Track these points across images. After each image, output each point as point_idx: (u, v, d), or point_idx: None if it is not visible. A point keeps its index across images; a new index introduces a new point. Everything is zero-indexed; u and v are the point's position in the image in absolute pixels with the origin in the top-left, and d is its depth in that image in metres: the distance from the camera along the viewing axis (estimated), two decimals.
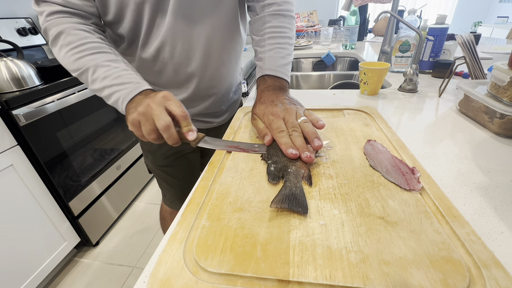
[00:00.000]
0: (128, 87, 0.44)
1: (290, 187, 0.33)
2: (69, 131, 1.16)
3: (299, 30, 1.84)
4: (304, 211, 0.30)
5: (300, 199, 0.32)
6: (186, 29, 0.53)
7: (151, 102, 0.40)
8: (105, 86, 0.45)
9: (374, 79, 0.70)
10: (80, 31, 0.47)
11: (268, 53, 0.54)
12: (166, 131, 0.40)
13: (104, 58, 0.46)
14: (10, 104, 0.93)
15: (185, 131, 0.42)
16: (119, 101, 0.44)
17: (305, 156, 0.38)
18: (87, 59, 0.46)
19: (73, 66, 0.47)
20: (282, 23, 0.56)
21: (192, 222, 0.30)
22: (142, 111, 0.40)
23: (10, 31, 1.35)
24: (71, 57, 0.46)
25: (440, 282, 0.22)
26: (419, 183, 0.33)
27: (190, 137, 0.42)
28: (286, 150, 0.39)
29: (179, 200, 0.81)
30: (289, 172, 0.36)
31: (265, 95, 0.50)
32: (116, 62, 0.47)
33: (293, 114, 0.44)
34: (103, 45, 0.48)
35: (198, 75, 0.59)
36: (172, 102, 0.41)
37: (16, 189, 0.99)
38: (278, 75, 0.53)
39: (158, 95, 0.41)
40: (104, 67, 0.45)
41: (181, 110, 0.41)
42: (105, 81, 0.45)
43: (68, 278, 1.22)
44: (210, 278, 0.24)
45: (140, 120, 0.41)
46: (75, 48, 0.46)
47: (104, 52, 0.47)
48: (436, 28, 0.84)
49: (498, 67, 0.49)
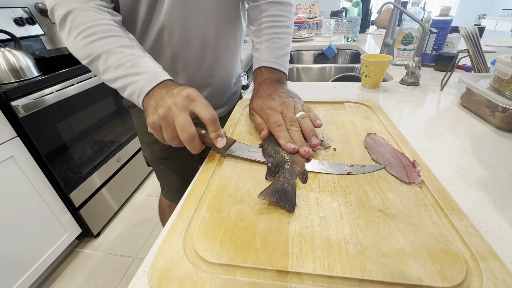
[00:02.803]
0: (144, 78, 0.39)
1: (282, 182, 0.33)
2: (68, 123, 1.16)
3: (300, 22, 1.82)
4: (291, 208, 0.30)
5: (290, 196, 0.31)
6: (184, 14, 0.51)
7: (173, 106, 0.35)
8: (118, 76, 0.40)
9: (376, 72, 0.69)
10: (92, 11, 0.42)
11: (265, 44, 0.53)
12: (190, 143, 0.36)
13: (117, 43, 0.41)
14: (9, 95, 0.92)
15: (213, 137, 0.37)
16: (135, 95, 0.40)
17: (303, 150, 0.38)
18: (98, 44, 0.40)
19: (83, 52, 0.41)
20: (280, 11, 0.54)
21: (192, 214, 0.30)
22: (163, 115, 0.35)
23: (7, 21, 1.33)
24: (81, 41, 0.41)
25: (437, 273, 0.22)
26: (419, 176, 0.33)
27: (219, 144, 0.38)
28: (285, 144, 0.39)
29: (178, 193, 0.80)
30: (285, 168, 0.36)
31: (262, 88, 0.49)
32: (130, 48, 0.42)
33: (291, 108, 0.43)
34: (116, 28, 0.43)
35: (196, 62, 0.58)
36: (198, 103, 0.36)
37: (16, 180, 0.99)
38: (275, 67, 0.51)
39: (181, 94, 0.36)
40: (117, 54, 0.40)
41: (209, 112, 0.36)
42: (119, 70, 0.40)
43: (70, 268, 1.23)
44: (210, 268, 0.24)
45: (162, 125, 0.36)
46: (85, 31, 0.40)
47: (118, 35, 0.42)
48: (439, 20, 0.82)
49: (501, 60, 0.49)
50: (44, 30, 1.52)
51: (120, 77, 0.40)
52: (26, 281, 1.03)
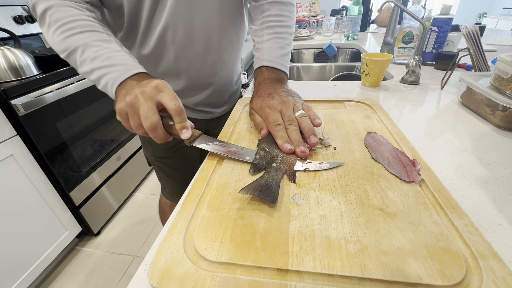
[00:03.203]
0: (119, 69, 0.40)
1: (266, 178, 0.33)
2: (68, 121, 1.16)
3: (301, 20, 1.81)
4: (272, 200, 0.30)
5: (273, 190, 0.31)
6: (187, 12, 0.51)
7: (140, 94, 0.36)
8: (94, 68, 0.41)
9: (376, 71, 0.69)
10: (70, 7, 0.43)
11: (266, 44, 0.53)
12: (152, 131, 0.36)
13: (94, 38, 0.42)
14: (9, 93, 0.92)
15: (178, 128, 0.38)
16: (109, 85, 0.40)
17: (300, 150, 0.38)
18: (75, 38, 0.41)
19: (60, 46, 0.42)
20: (281, 11, 0.54)
21: (192, 212, 0.31)
22: (130, 102, 0.36)
23: (6, 19, 1.33)
24: (59, 36, 0.42)
25: (437, 272, 0.22)
26: (419, 175, 0.33)
27: (184, 135, 0.38)
28: (281, 144, 0.39)
29: (179, 193, 0.80)
30: (272, 166, 0.36)
31: (262, 87, 0.49)
32: (107, 42, 0.43)
33: (290, 107, 0.43)
34: (94, 24, 0.44)
35: (199, 61, 0.58)
36: (165, 93, 0.36)
37: (16, 179, 0.99)
38: (276, 66, 0.51)
39: (149, 84, 0.36)
40: (94, 47, 0.41)
41: (175, 103, 0.36)
42: (95, 62, 0.40)
43: (70, 267, 1.24)
44: (210, 267, 0.25)
45: (128, 112, 0.37)
46: (63, 26, 0.42)
47: (95, 31, 0.43)
48: (440, 19, 0.82)
49: (502, 58, 0.49)
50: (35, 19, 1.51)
51: (96, 68, 0.41)
52: (27, 280, 1.04)
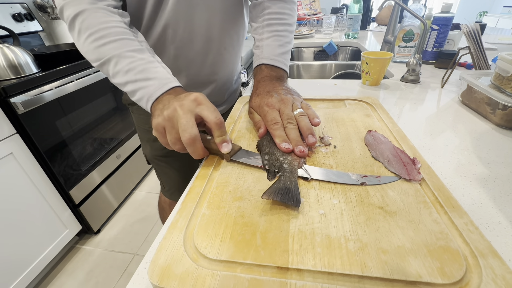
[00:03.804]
0: (154, 84, 0.39)
1: (284, 181, 0.33)
2: (68, 119, 1.15)
3: (301, 19, 1.80)
4: (296, 204, 0.30)
5: (294, 193, 0.31)
6: (188, 11, 0.51)
7: (179, 107, 0.35)
8: (128, 81, 0.40)
9: (376, 69, 0.69)
10: (102, 13, 0.42)
11: (266, 41, 0.52)
12: (190, 145, 0.35)
13: (127, 47, 0.41)
14: (8, 91, 0.92)
15: (218, 142, 0.37)
16: (144, 100, 0.40)
17: (298, 150, 0.38)
18: (108, 48, 0.40)
19: (93, 55, 0.42)
20: (282, 9, 0.54)
21: (192, 210, 0.31)
22: (168, 116, 0.35)
23: (5, 17, 1.32)
24: (91, 44, 0.41)
25: (437, 270, 0.22)
26: (419, 173, 0.33)
27: (224, 149, 0.37)
28: (279, 144, 0.38)
29: (178, 191, 0.80)
30: (285, 168, 0.35)
31: (261, 85, 0.48)
32: (141, 52, 0.42)
33: (289, 105, 0.43)
34: (126, 31, 0.43)
35: (199, 59, 0.58)
36: (204, 106, 0.36)
37: (16, 177, 0.99)
38: (275, 64, 0.51)
39: (188, 97, 0.36)
40: (127, 58, 0.40)
41: (215, 116, 0.35)
42: (129, 75, 0.40)
43: (70, 265, 1.24)
44: (210, 265, 0.25)
45: (166, 127, 0.36)
46: (95, 34, 0.40)
47: (128, 39, 0.42)
48: (441, 17, 0.82)
49: (503, 57, 0.48)
50: (43, 26, 1.51)
51: (130, 81, 0.40)
52: (27, 278, 1.04)
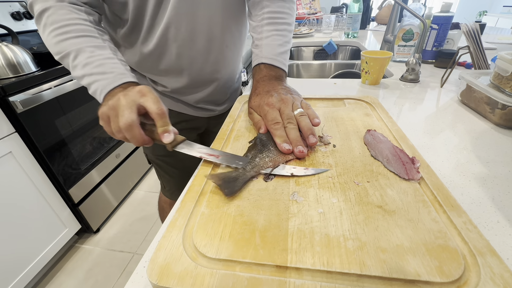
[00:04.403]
0: (109, 77, 0.40)
1: (241, 172, 0.35)
2: (67, 118, 1.15)
3: (300, 18, 1.80)
4: (227, 193, 0.31)
5: (236, 184, 0.33)
6: (190, 10, 0.51)
7: (122, 96, 0.36)
8: (85, 74, 0.41)
9: (376, 69, 0.69)
10: (67, 10, 0.43)
11: (265, 41, 0.52)
12: (128, 131, 0.35)
13: (88, 43, 0.42)
14: (7, 90, 0.92)
15: (160, 132, 0.37)
16: (97, 92, 0.41)
17: (298, 150, 0.37)
18: (69, 43, 0.41)
19: (55, 48, 0.43)
20: (281, 8, 0.54)
21: (192, 209, 0.30)
22: (112, 105, 0.36)
23: (3, 15, 1.32)
24: (54, 38, 0.42)
25: (435, 269, 0.22)
26: (418, 172, 0.33)
27: (165, 139, 0.37)
28: (280, 144, 0.38)
29: (178, 191, 0.78)
30: (255, 161, 0.36)
31: (261, 85, 0.48)
32: (101, 48, 0.43)
33: (289, 105, 0.43)
34: (90, 28, 0.44)
35: (201, 58, 0.58)
36: (147, 97, 0.36)
37: (15, 176, 0.99)
38: (274, 63, 0.51)
39: (134, 89, 0.37)
40: (86, 53, 0.41)
41: (157, 106, 0.35)
42: (86, 68, 0.41)
43: (70, 264, 1.24)
44: (209, 264, 0.25)
45: (110, 115, 0.36)
46: (59, 29, 0.42)
47: (90, 36, 0.43)
48: (440, 17, 0.82)
49: (502, 56, 0.48)
50: None
51: (87, 75, 0.41)
52: (26, 277, 1.04)
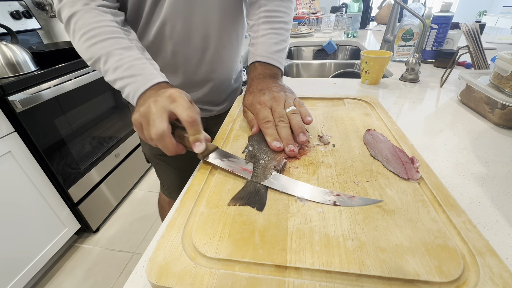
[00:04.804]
0: (139, 80, 0.40)
1: (255, 184, 0.33)
2: (66, 118, 1.15)
3: (300, 17, 1.80)
4: (259, 208, 0.30)
5: (263, 197, 0.31)
6: (186, 7, 0.51)
7: (153, 103, 0.35)
8: (116, 78, 0.41)
9: (376, 68, 0.69)
10: (94, 13, 0.43)
11: (261, 39, 0.52)
12: (159, 141, 0.34)
13: (116, 46, 0.42)
14: (6, 90, 0.92)
15: (191, 141, 0.36)
16: (130, 96, 0.40)
17: (289, 149, 0.37)
18: (98, 47, 0.41)
19: (86, 54, 0.43)
20: (279, 6, 0.54)
21: (191, 209, 0.30)
22: (143, 113, 0.35)
23: (3, 14, 1.31)
24: (83, 44, 0.42)
25: (435, 268, 0.22)
26: (417, 172, 0.33)
27: (196, 148, 0.36)
28: (270, 142, 0.38)
29: (177, 190, 0.79)
30: (259, 164, 0.36)
31: (254, 83, 0.48)
32: (129, 49, 0.42)
33: (281, 103, 0.42)
34: (116, 29, 0.44)
35: (196, 57, 0.58)
36: (178, 104, 0.35)
37: (14, 176, 0.99)
38: (269, 62, 0.51)
39: (164, 93, 0.36)
40: (115, 56, 0.41)
41: (187, 114, 0.34)
42: (117, 72, 0.41)
43: (69, 263, 1.24)
44: (209, 263, 0.25)
45: (142, 123, 0.36)
46: (87, 33, 0.42)
47: (117, 37, 0.43)
48: (440, 16, 0.82)
49: (502, 56, 0.48)
50: (41, 24, 1.50)
51: (118, 79, 0.41)
52: (25, 277, 1.04)
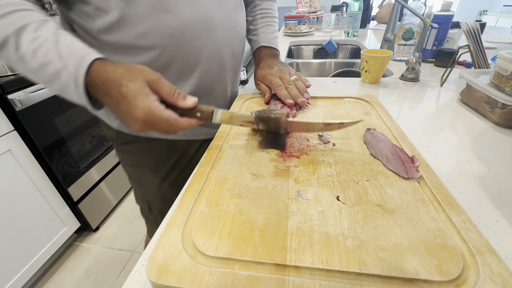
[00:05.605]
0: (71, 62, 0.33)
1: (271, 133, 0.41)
2: (66, 116, 1.15)
3: (301, 16, 1.80)
4: (284, 148, 0.40)
5: (282, 138, 0.41)
6: None
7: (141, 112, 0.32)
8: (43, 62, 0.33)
9: (376, 67, 0.69)
10: None
11: (261, 29, 0.65)
12: (174, 131, 0.35)
13: (27, 20, 0.33)
14: (6, 88, 0.92)
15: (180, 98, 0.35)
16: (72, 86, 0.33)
17: (301, 100, 0.51)
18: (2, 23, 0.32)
19: None
20: (269, 6, 0.69)
21: (191, 208, 0.30)
22: (144, 124, 0.33)
23: None
24: None
25: (434, 267, 0.22)
26: (417, 171, 0.33)
27: (187, 102, 0.35)
28: (285, 99, 0.51)
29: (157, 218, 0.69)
30: (270, 124, 0.41)
31: (263, 61, 0.61)
32: (44, 23, 0.34)
33: (286, 74, 0.56)
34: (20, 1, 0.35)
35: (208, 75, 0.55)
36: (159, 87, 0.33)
37: (14, 174, 0.99)
38: (271, 45, 0.64)
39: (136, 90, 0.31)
40: (29, 34, 0.32)
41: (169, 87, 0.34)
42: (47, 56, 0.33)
43: (69, 262, 1.24)
44: (208, 262, 0.25)
45: (152, 128, 0.35)
46: None
47: (26, 9, 0.34)
48: (441, 16, 0.82)
49: (502, 56, 0.48)
50: None
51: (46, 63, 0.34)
52: (25, 275, 1.04)
